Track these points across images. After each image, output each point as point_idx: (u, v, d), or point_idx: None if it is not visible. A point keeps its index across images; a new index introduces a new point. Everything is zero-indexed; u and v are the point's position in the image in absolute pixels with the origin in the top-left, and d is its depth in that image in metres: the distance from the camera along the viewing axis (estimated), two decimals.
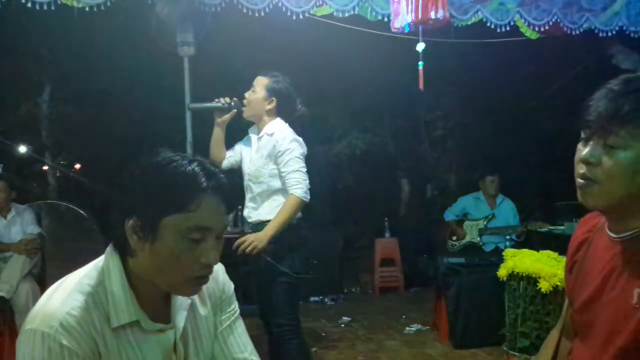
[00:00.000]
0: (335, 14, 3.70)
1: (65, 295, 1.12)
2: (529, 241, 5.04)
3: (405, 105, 6.87)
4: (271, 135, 2.93)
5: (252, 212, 3.00)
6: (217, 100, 3.08)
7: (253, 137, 3.06)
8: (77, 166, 6.35)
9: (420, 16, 3.49)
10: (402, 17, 3.55)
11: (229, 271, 1.40)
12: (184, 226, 1.11)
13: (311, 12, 3.66)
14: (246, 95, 3.03)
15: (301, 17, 3.65)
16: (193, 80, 3.66)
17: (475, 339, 4.28)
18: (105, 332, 1.12)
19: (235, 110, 3.06)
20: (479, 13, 3.99)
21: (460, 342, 4.31)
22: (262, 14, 3.58)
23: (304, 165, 2.90)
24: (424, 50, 3.78)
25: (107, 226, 1.18)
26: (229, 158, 3.17)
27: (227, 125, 3.16)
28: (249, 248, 2.76)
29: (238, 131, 3.24)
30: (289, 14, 3.61)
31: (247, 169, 3.03)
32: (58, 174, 5.86)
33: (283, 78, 3.02)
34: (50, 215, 4.82)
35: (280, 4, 3.58)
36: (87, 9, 3.40)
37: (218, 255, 1.18)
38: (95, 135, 5.29)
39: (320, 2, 3.64)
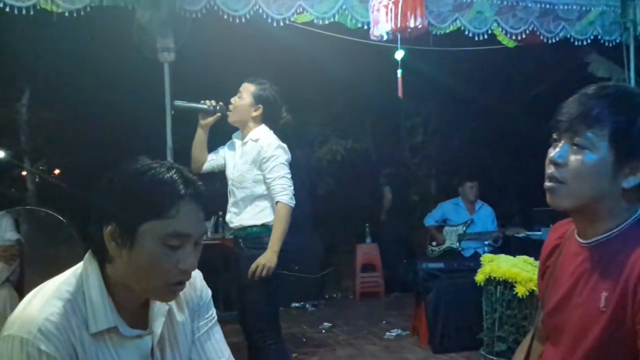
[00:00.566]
0: (315, 21, 3.74)
1: (43, 302, 1.13)
2: (507, 246, 5.10)
3: (386, 112, 6.93)
4: (256, 141, 2.95)
5: (234, 217, 3.01)
6: (202, 101, 3.09)
7: (237, 142, 3.08)
8: (57, 172, 6.29)
9: (399, 24, 3.55)
10: (381, 25, 3.59)
11: (209, 278, 1.41)
12: (163, 233, 1.12)
13: (291, 19, 3.70)
14: (232, 100, 3.05)
15: (282, 24, 3.68)
16: (173, 87, 3.66)
17: (454, 344, 4.32)
18: (84, 338, 1.13)
19: (219, 114, 3.07)
20: (457, 21, 4.05)
21: (439, 347, 4.34)
22: (243, 20, 3.61)
23: (289, 171, 2.93)
24: (403, 58, 3.83)
25: (85, 232, 1.20)
26: (211, 161, 3.17)
27: (210, 128, 3.15)
28: (265, 272, 2.78)
29: (221, 135, 3.25)
30: (269, 20, 3.64)
31: (230, 174, 3.04)
32: (37, 180, 5.81)
33: (270, 85, 3.04)
34: (29, 222, 4.77)
35: (260, 11, 3.60)
36: (66, 14, 3.39)
37: (196, 262, 1.19)
38: (75, 141, 5.25)
39: (301, 10, 3.68)
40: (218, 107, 3.06)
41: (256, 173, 2.93)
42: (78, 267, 1.20)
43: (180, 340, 1.30)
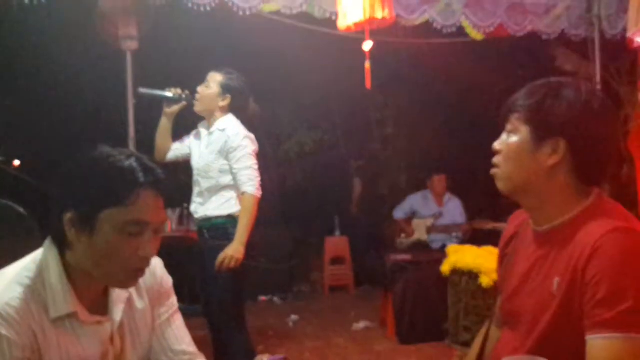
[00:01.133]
0: (282, 10, 3.69)
1: (3, 287, 1.15)
2: (475, 239, 5.15)
3: (356, 104, 6.93)
4: (223, 131, 2.93)
5: (199, 208, 3.01)
6: (168, 89, 3.07)
7: (203, 131, 3.05)
8: (17, 163, 6.13)
9: (366, 15, 3.52)
10: (349, 15, 3.57)
11: (174, 272, 1.43)
12: (122, 220, 1.14)
13: (258, 8, 3.64)
14: (199, 89, 3.02)
15: (248, 13, 3.62)
16: (136, 76, 3.59)
17: (421, 334, 4.37)
18: (44, 323, 1.15)
19: (185, 103, 3.05)
20: (426, 14, 4.05)
21: (407, 338, 4.39)
22: (208, 8, 3.54)
23: (256, 162, 2.92)
24: (370, 50, 3.81)
25: (45, 221, 1.23)
26: (175, 150, 3.17)
27: (175, 117, 3.13)
28: (232, 263, 2.78)
29: (185, 124, 3.21)
30: (235, 9, 3.58)
31: (196, 163, 3.03)
32: None
33: (237, 75, 3.03)
34: None
35: (226, 0, 3.54)
36: (26, 1, 3.29)
37: (155, 249, 1.22)
38: (35, 131, 5.13)
39: None
40: (184, 96, 3.05)
41: (222, 163, 2.91)
42: (38, 254, 1.22)
43: (140, 327, 1.33)
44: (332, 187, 7.01)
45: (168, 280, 1.41)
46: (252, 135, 2.97)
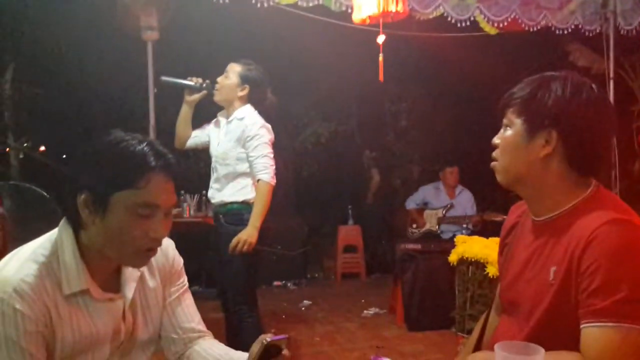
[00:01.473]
0: (299, 3, 3.76)
1: (19, 264, 1.19)
2: (486, 230, 5.20)
3: (371, 96, 6.97)
4: (241, 119, 3.00)
5: (216, 193, 3.08)
6: (189, 78, 3.13)
7: (222, 120, 3.13)
8: (42, 148, 6.28)
9: (381, 8, 3.59)
10: (364, 8, 3.63)
11: (191, 256, 1.49)
12: (133, 202, 1.18)
13: (275, 1, 3.72)
14: (219, 80, 3.08)
15: (265, 5, 3.70)
16: (157, 65, 3.69)
17: (429, 322, 4.44)
18: (58, 299, 1.19)
19: (205, 92, 3.11)
20: (440, 8, 4.08)
21: (415, 325, 4.47)
22: (227, 0, 3.63)
23: (271, 151, 2.99)
24: (386, 43, 3.88)
25: (61, 201, 1.26)
26: (195, 138, 3.22)
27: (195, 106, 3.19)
28: (245, 247, 2.85)
29: (205, 113, 3.28)
30: (252, 1, 3.66)
31: (214, 150, 3.10)
32: (21, 156, 5.81)
33: (256, 66, 3.09)
34: (12, 196, 4.77)
35: None
36: None
37: (166, 231, 1.25)
38: (60, 117, 5.24)
39: None
40: (204, 85, 3.11)
41: (240, 151, 2.98)
42: (53, 233, 1.26)
43: (152, 304, 1.38)
44: (346, 177, 7.08)
45: (179, 261, 1.46)
46: (268, 125, 3.04)
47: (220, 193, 3.06)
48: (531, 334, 1.26)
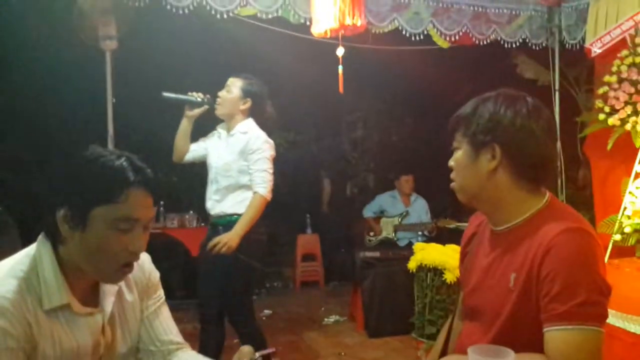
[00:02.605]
0: (259, 14, 3.79)
1: None
2: (440, 237, 5.34)
3: (328, 106, 7.05)
4: (245, 133, 3.09)
5: (216, 205, 3.11)
6: (190, 93, 3.18)
7: (222, 133, 3.20)
8: None
9: (338, 22, 3.66)
10: (322, 22, 3.70)
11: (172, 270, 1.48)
12: (113, 217, 1.20)
13: (235, 12, 3.74)
14: (220, 94, 3.16)
15: (225, 16, 3.72)
16: (115, 75, 3.65)
17: (388, 328, 4.53)
18: (38, 315, 1.19)
19: (206, 106, 3.18)
20: (395, 21, 4.20)
21: (375, 332, 4.55)
22: (186, 11, 3.63)
23: (271, 166, 3.08)
24: (343, 55, 3.95)
25: (39, 216, 1.25)
26: (193, 152, 3.28)
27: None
28: (224, 249, 2.89)
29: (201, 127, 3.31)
30: (213, 12, 3.68)
31: (214, 162, 3.15)
32: None
33: (256, 81, 3.20)
34: None
35: (204, 3, 3.62)
36: None
37: (144, 244, 1.28)
38: (9, 126, 5.08)
39: (244, 3, 3.72)
40: (205, 100, 3.18)
41: (242, 164, 3.05)
42: (31, 249, 1.27)
43: (130, 318, 1.40)
44: (304, 186, 7.13)
45: (156, 275, 1.48)
46: (271, 141, 3.13)
47: (220, 204, 3.10)
48: (495, 338, 1.32)
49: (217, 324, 3.09)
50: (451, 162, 1.45)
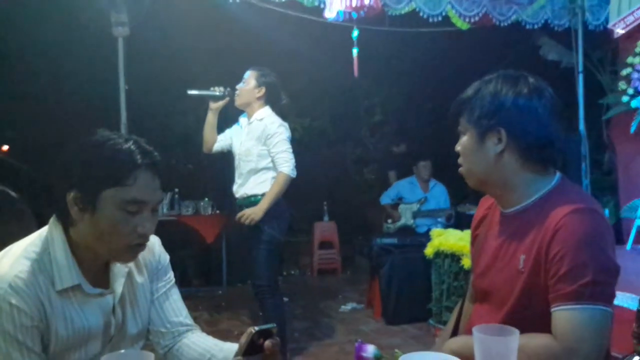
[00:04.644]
0: None
1: (12, 261, 1.22)
2: (459, 223, 5.27)
3: (345, 91, 6.98)
4: (261, 120, 3.34)
5: (240, 188, 3.41)
6: (212, 88, 3.44)
7: (243, 121, 3.47)
8: (5, 147, 6.12)
9: (353, 4, 3.60)
10: (336, 4, 3.64)
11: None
12: (121, 199, 1.21)
13: None
14: (238, 87, 3.43)
15: (238, 0, 3.68)
16: (127, 62, 3.64)
17: (406, 315, 4.49)
18: (51, 294, 1.22)
19: (228, 98, 3.44)
20: (412, 3, 4.12)
21: (392, 318, 4.51)
22: None
23: (290, 146, 3.34)
24: (358, 38, 3.88)
25: (36, 203, 1.28)
26: (220, 142, 3.58)
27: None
28: (248, 220, 3.22)
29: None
30: None
31: (237, 149, 3.45)
32: None
33: (270, 71, 3.45)
34: None
35: None
36: None
37: (153, 226, 1.29)
38: (25, 116, 5.12)
39: None
40: (226, 92, 3.44)
41: (261, 148, 3.32)
42: (43, 231, 1.30)
43: (140, 299, 1.41)
44: (321, 173, 7.08)
45: (166, 257, 1.50)
46: (285, 124, 3.37)
47: (243, 187, 3.39)
48: (505, 319, 1.31)
49: (271, 294, 3.35)
50: (458, 147, 1.44)
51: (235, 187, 3.47)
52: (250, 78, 3.41)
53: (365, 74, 3.81)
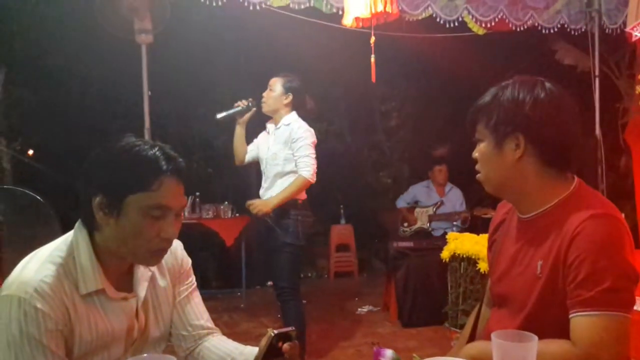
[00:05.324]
0: (291, 5, 3.81)
1: (38, 265, 1.23)
2: (475, 227, 5.29)
3: (361, 96, 7.02)
4: (288, 125, 3.41)
5: (266, 192, 3.46)
6: (237, 104, 3.52)
7: (270, 127, 3.54)
8: (32, 152, 6.26)
9: (371, 10, 3.64)
10: (354, 10, 3.68)
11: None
12: (146, 204, 1.23)
13: (267, 3, 3.76)
14: (264, 94, 3.49)
15: (258, 8, 3.74)
16: (151, 68, 3.72)
17: (422, 318, 4.51)
18: (75, 299, 1.24)
19: (254, 109, 3.52)
20: (429, 9, 4.15)
21: (408, 321, 4.54)
22: (220, 3, 3.68)
23: (314, 152, 3.38)
24: (376, 44, 3.93)
25: (61, 208, 1.32)
26: (250, 152, 3.65)
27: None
28: (255, 210, 3.30)
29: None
30: (245, 4, 3.70)
31: (264, 154, 3.51)
32: (13, 159, 5.79)
33: (294, 77, 3.51)
34: (6, 201, 4.77)
35: None
36: None
37: (176, 231, 1.31)
38: (52, 121, 5.24)
39: None
40: (251, 104, 3.52)
41: (287, 152, 3.38)
42: (69, 235, 1.31)
43: (163, 303, 1.44)
44: (338, 177, 7.13)
45: (188, 261, 1.52)
46: (312, 130, 3.42)
47: (270, 191, 3.43)
48: (523, 325, 1.31)
49: (292, 297, 3.37)
50: (475, 154, 1.44)
51: (261, 191, 3.52)
52: (276, 85, 3.46)
53: (382, 79, 3.85)
